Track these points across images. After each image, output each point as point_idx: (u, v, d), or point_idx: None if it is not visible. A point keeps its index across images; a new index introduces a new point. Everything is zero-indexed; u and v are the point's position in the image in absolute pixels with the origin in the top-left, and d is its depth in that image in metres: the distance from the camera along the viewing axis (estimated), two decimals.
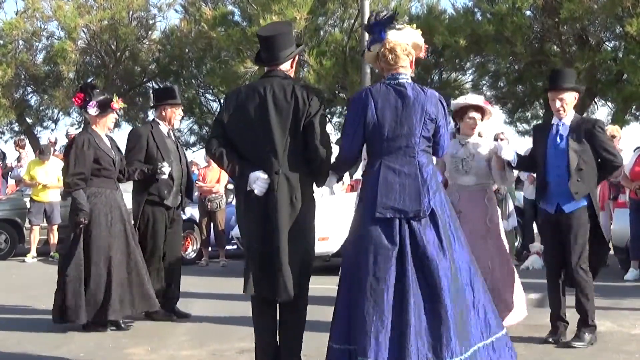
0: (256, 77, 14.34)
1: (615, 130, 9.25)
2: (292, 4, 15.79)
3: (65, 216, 11.49)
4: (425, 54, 4.10)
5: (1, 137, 21.52)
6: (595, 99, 17.21)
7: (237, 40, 16.85)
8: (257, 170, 3.91)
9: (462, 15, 16.50)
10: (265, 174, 3.90)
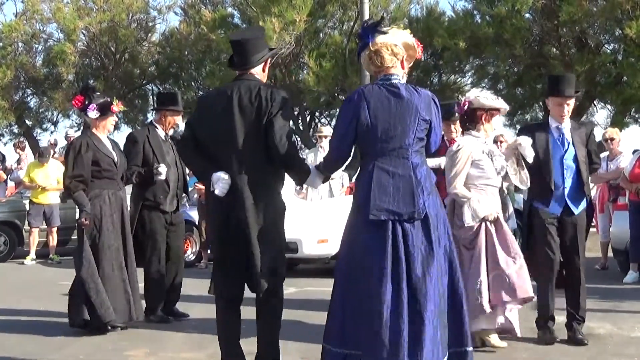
0: None
1: (614, 132, 9.26)
2: (291, 6, 15.79)
3: (64, 218, 11.61)
4: (421, 54, 4.09)
5: (0, 140, 21.55)
6: (594, 102, 17.18)
7: None
8: (220, 171, 3.94)
9: (461, 17, 16.47)
10: (227, 175, 3.93)
